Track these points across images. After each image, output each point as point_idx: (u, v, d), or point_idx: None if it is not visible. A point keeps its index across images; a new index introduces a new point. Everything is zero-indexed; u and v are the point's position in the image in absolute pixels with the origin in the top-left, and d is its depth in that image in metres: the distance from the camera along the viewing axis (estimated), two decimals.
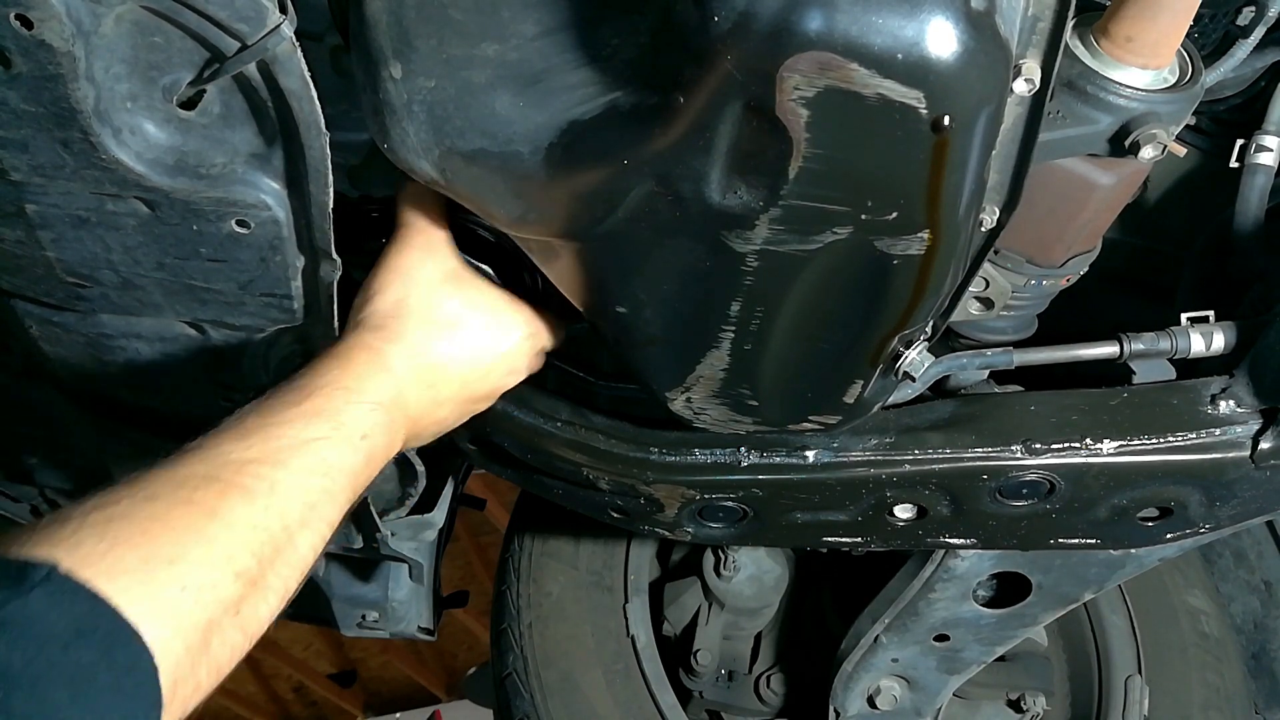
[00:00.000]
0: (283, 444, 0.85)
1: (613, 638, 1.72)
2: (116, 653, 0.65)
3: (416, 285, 1.03)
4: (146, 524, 0.72)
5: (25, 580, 0.63)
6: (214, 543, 0.75)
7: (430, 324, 1.03)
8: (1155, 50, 0.94)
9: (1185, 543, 1.25)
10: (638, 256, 0.93)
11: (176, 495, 0.76)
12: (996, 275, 1.10)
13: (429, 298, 1.03)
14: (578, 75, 0.83)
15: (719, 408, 1.11)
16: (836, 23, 0.70)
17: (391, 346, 0.99)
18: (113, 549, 0.69)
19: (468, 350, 1.06)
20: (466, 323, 1.05)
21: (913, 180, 0.80)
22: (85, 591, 0.65)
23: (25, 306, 1.18)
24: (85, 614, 0.65)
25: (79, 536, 0.69)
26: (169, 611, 0.70)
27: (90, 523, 0.70)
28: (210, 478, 0.79)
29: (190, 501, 0.76)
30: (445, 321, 1.03)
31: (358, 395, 0.93)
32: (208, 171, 0.96)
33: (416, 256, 1.04)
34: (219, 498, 0.78)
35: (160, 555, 0.71)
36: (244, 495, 0.79)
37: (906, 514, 1.23)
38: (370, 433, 0.92)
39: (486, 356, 1.08)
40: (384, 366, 0.98)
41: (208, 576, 0.74)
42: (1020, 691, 1.71)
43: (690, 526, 1.29)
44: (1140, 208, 1.47)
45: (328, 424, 0.89)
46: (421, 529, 1.68)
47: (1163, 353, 1.13)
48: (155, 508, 0.74)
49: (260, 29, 0.83)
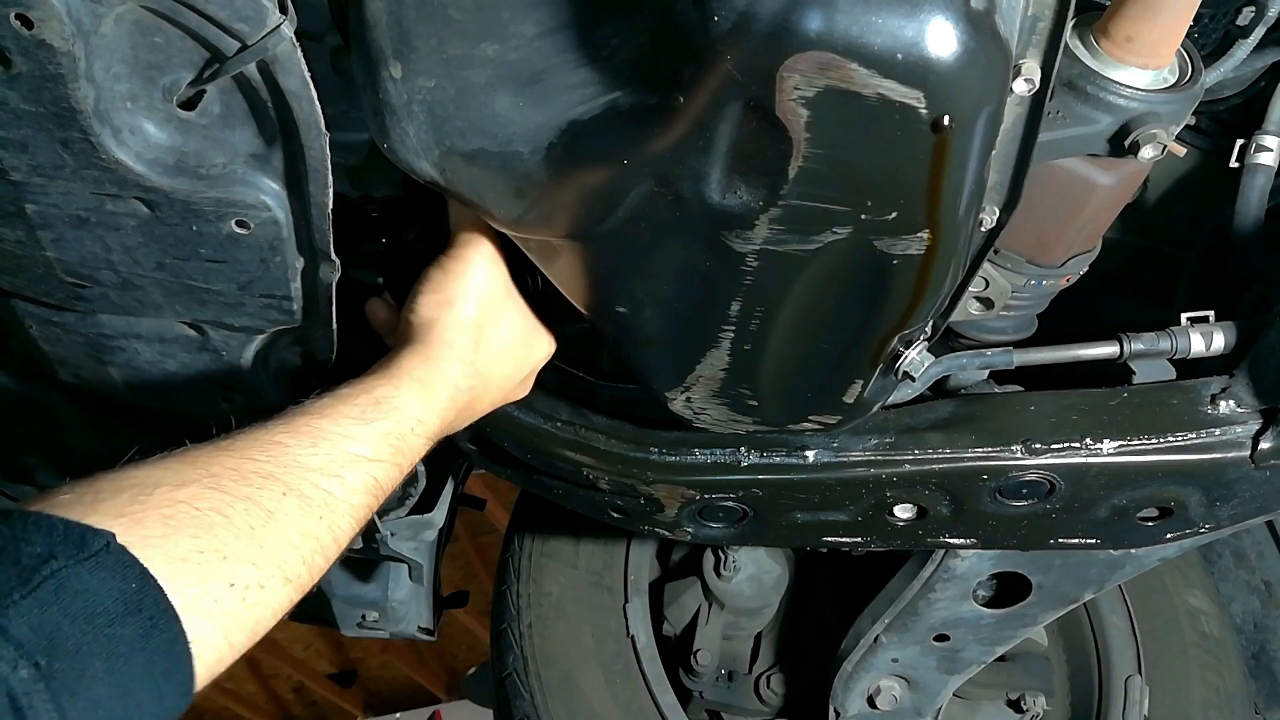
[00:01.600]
0: (346, 458, 0.86)
1: (613, 638, 1.72)
2: (155, 636, 0.66)
3: (488, 301, 1.03)
4: (208, 515, 0.73)
5: (84, 548, 0.64)
6: (268, 545, 0.76)
7: (498, 347, 1.04)
8: (1155, 50, 0.94)
9: (1185, 543, 1.25)
10: (638, 256, 0.93)
11: (241, 490, 0.77)
12: (996, 275, 1.10)
13: (497, 316, 1.04)
14: (578, 75, 0.83)
15: (719, 408, 1.11)
16: (836, 23, 0.70)
17: (467, 379, 1.01)
18: (173, 535, 0.70)
19: (510, 371, 1.07)
20: (515, 341, 1.06)
21: (913, 180, 0.80)
22: (138, 570, 0.66)
23: (25, 306, 1.18)
24: (134, 593, 0.66)
25: (144, 515, 0.70)
26: (214, 606, 0.71)
27: (155, 502, 0.71)
28: (272, 477, 0.80)
29: (251, 499, 0.77)
30: (503, 343, 1.05)
31: (423, 428, 0.95)
32: (208, 172, 0.96)
33: (485, 266, 1.03)
34: (279, 500, 0.79)
35: (215, 549, 0.72)
36: (302, 502, 0.80)
37: (906, 514, 1.23)
38: (416, 459, 0.94)
39: (520, 375, 1.09)
40: (453, 400, 0.99)
41: (257, 577, 0.74)
42: (1020, 691, 1.71)
43: (690, 526, 1.29)
44: (1140, 208, 1.47)
45: (390, 448, 0.90)
46: (421, 529, 1.68)
47: (1163, 353, 1.13)
48: (218, 500, 0.75)
49: (260, 29, 0.83)
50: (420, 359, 0.99)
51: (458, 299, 1.02)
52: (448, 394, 0.98)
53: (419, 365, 0.98)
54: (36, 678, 0.59)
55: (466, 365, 1.01)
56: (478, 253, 1.03)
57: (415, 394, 0.95)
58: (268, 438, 0.83)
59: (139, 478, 0.74)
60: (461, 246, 1.03)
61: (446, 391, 0.98)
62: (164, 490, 0.73)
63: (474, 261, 1.03)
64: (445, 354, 1.00)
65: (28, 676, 0.58)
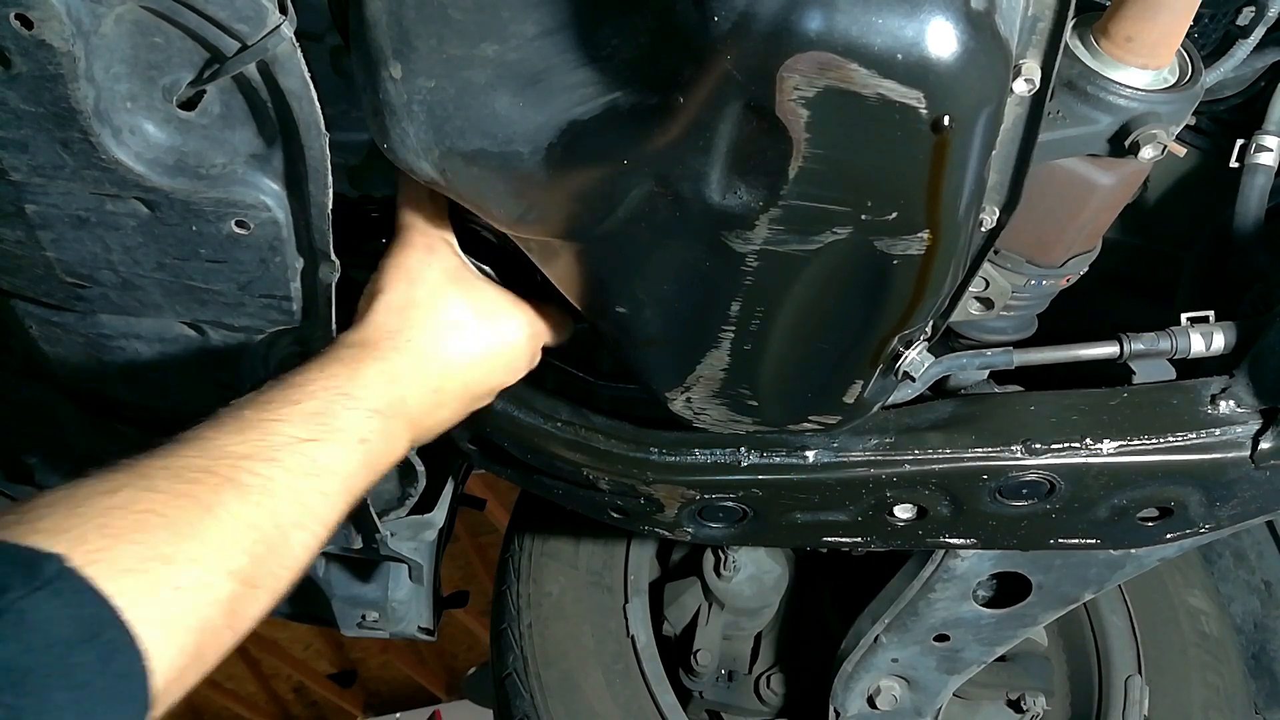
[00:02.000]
0: (277, 441, 0.85)
1: (613, 638, 1.72)
2: (116, 659, 0.66)
3: (421, 286, 1.03)
4: (145, 517, 0.73)
5: (36, 575, 0.64)
6: (208, 540, 0.76)
7: (435, 325, 1.03)
8: (1155, 50, 0.94)
9: (1185, 543, 1.25)
10: (638, 257, 0.93)
11: (174, 487, 0.76)
12: (996, 275, 1.10)
13: (433, 298, 1.03)
14: (578, 75, 0.83)
15: (719, 408, 1.11)
16: (836, 23, 0.70)
17: (396, 351, 1.00)
18: (115, 544, 0.70)
19: (470, 350, 1.06)
20: (469, 322, 1.05)
21: (913, 180, 0.80)
22: (91, 593, 0.66)
23: (25, 306, 1.18)
24: (90, 618, 0.66)
25: (83, 530, 0.69)
26: (164, 614, 0.71)
27: (93, 512, 0.71)
28: (206, 470, 0.79)
29: (186, 495, 0.76)
30: (449, 322, 1.04)
31: (357, 400, 0.93)
32: (207, 172, 0.96)
33: (419, 256, 1.04)
34: (214, 492, 0.78)
35: (157, 553, 0.72)
36: (238, 491, 0.79)
37: (906, 514, 1.23)
38: (369, 437, 0.93)
39: (488, 355, 1.08)
40: (386, 371, 0.98)
41: (202, 576, 0.74)
42: (1020, 691, 1.71)
43: (690, 526, 1.29)
44: (1140, 208, 1.47)
45: (321, 426, 0.89)
46: (421, 529, 1.68)
47: (1163, 353, 1.13)
48: (153, 500, 0.74)
49: (260, 29, 0.83)
50: (341, 343, 0.99)
51: (388, 286, 1.02)
52: (380, 369, 0.97)
53: (340, 348, 0.98)
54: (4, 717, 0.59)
55: (399, 340, 1.00)
56: (412, 242, 1.04)
57: (339, 373, 0.94)
58: (195, 434, 0.83)
59: (71, 489, 0.73)
60: (399, 237, 1.05)
61: (378, 365, 0.97)
62: (96, 499, 0.72)
63: (407, 249, 1.04)
64: (373, 334, 1.00)
65: None
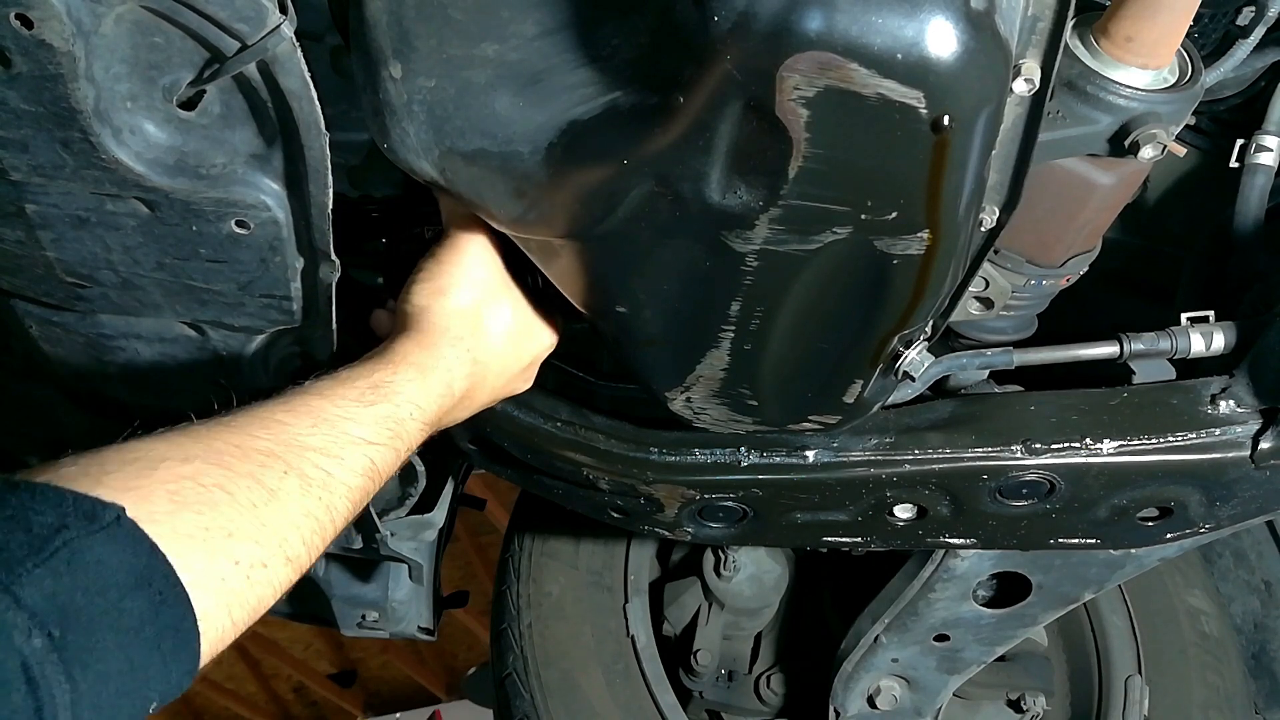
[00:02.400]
0: (345, 440, 0.86)
1: (613, 638, 1.72)
2: (165, 612, 0.66)
3: (483, 290, 1.03)
4: (213, 491, 0.73)
5: (96, 520, 0.64)
6: (270, 524, 0.76)
7: (491, 335, 1.03)
8: (1155, 50, 0.94)
9: (1185, 543, 1.25)
10: (638, 256, 0.93)
11: (243, 467, 0.77)
12: (996, 275, 1.10)
13: (492, 305, 1.03)
14: (578, 75, 0.83)
15: (719, 408, 1.11)
16: (836, 23, 0.70)
17: (459, 363, 1.00)
18: (179, 511, 0.70)
19: (509, 360, 1.07)
20: (512, 332, 1.05)
21: (913, 180, 0.80)
22: (148, 544, 0.67)
23: (25, 306, 1.18)
24: (144, 567, 0.66)
25: (150, 490, 0.70)
26: (220, 584, 0.71)
27: (161, 477, 0.71)
28: (273, 455, 0.80)
29: (253, 477, 0.77)
30: (500, 332, 1.04)
31: (421, 414, 0.94)
32: (208, 172, 0.96)
33: (477, 255, 1.03)
34: (280, 479, 0.79)
35: (220, 526, 0.72)
36: (303, 482, 0.80)
37: (906, 514, 1.23)
38: (414, 445, 0.94)
39: (520, 365, 1.09)
40: (447, 384, 0.98)
41: (261, 555, 0.75)
42: (1020, 691, 1.71)
43: (690, 526, 1.29)
44: (1140, 208, 1.47)
45: (388, 432, 0.90)
46: (421, 529, 1.68)
47: (1163, 353, 1.13)
48: (223, 476, 0.75)
49: (260, 29, 0.83)
50: (416, 345, 0.98)
51: (451, 287, 1.02)
52: (444, 380, 0.98)
53: (415, 351, 0.98)
54: (50, 648, 0.59)
55: (462, 352, 1.00)
56: (471, 242, 1.03)
57: (412, 379, 0.95)
58: (269, 416, 0.84)
59: (143, 451, 0.74)
60: (455, 236, 1.03)
61: (443, 378, 0.98)
62: (169, 465, 0.73)
63: (467, 250, 1.03)
64: (440, 340, 1.00)
65: (41, 646, 0.58)
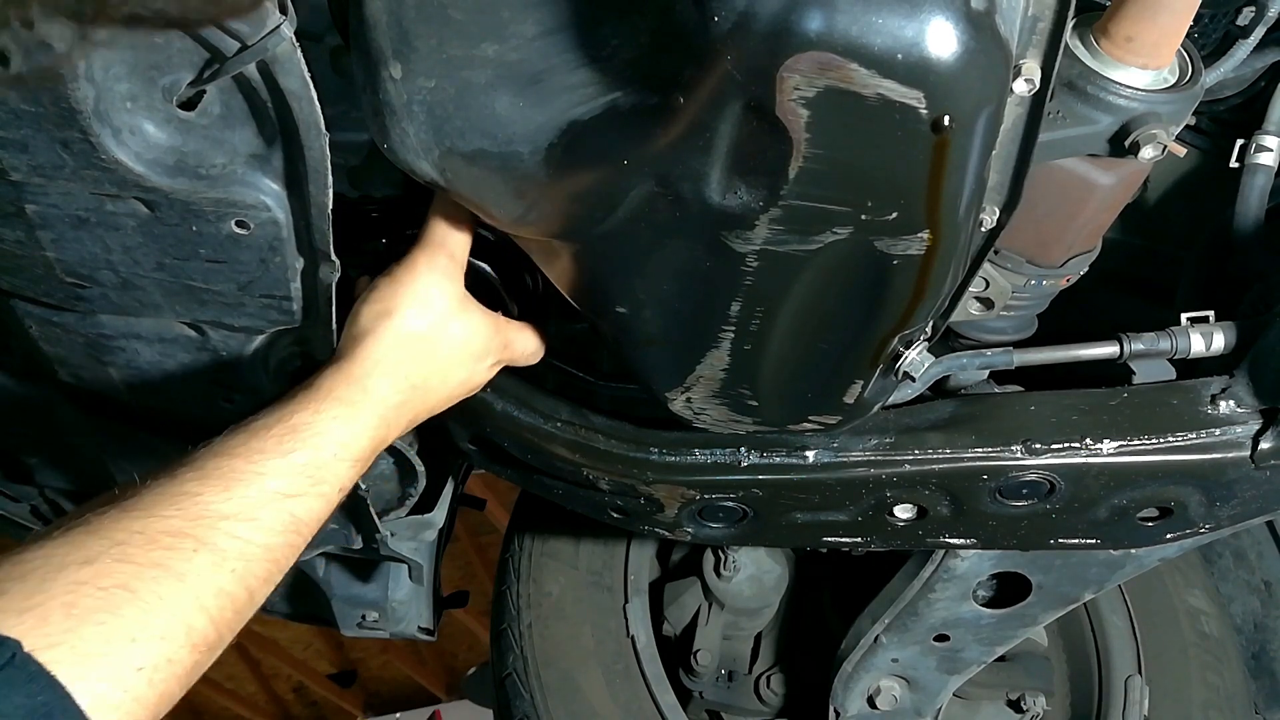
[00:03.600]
0: (261, 498, 0.83)
1: (613, 638, 1.72)
2: None
3: (429, 314, 1.01)
4: (115, 594, 0.71)
5: None
6: (177, 614, 0.74)
7: (434, 361, 1.01)
8: (1155, 50, 0.94)
9: (1185, 543, 1.25)
10: (637, 257, 0.93)
11: (148, 555, 0.74)
12: (996, 275, 1.10)
13: (439, 330, 1.02)
14: (578, 75, 0.83)
15: (719, 408, 1.11)
16: (836, 23, 0.70)
17: (396, 393, 0.97)
18: (78, 627, 0.68)
19: (463, 374, 1.05)
20: (459, 354, 1.04)
21: (913, 180, 0.80)
22: (45, 679, 0.65)
23: (25, 306, 1.18)
24: (43, 706, 0.64)
25: (48, 608, 0.68)
26: (121, 695, 0.69)
27: (59, 589, 0.69)
28: (182, 534, 0.77)
29: (160, 565, 0.74)
30: (449, 352, 1.03)
31: (349, 452, 0.91)
32: (207, 172, 0.96)
33: (438, 281, 1.01)
34: (189, 559, 0.76)
35: (122, 633, 0.70)
36: (215, 557, 0.78)
37: (906, 514, 1.23)
38: (347, 485, 0.91)
39: (466, 390, 1.08)
40: (381, 418, 0.95)
41: (166, 652, 0.73)
42: (1020, 691, 1.71)
43: (690, 526, 1.29)
44: (1140, 208, 1.47)
45: (309, 480, 0.87)
46: (421, 529, 1.68)
47: (1163, 353, 1.13)
48: (125, 573, 0.72)
49: (260, 29, 0.83)
50: (344, 378, 0.95)
51: (399, 309, 1.00)
52: (376, 413, 0.95)
53: (342, 385, 0.94)
54: None
55: (398, 379, 0.98)
56: (430, 262, 1.01)
57: (337, 416, 0.91)
58: (178, 489, 0.80)
59: (41, 558, 0.71)
60: (415, 254, 1.02)
61: (375, 410, 0.95)
62: (68, 572, 0.71)
63: (423, 271, 1.01)
64: (372, 371, 0.97)
65: None
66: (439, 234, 1.04)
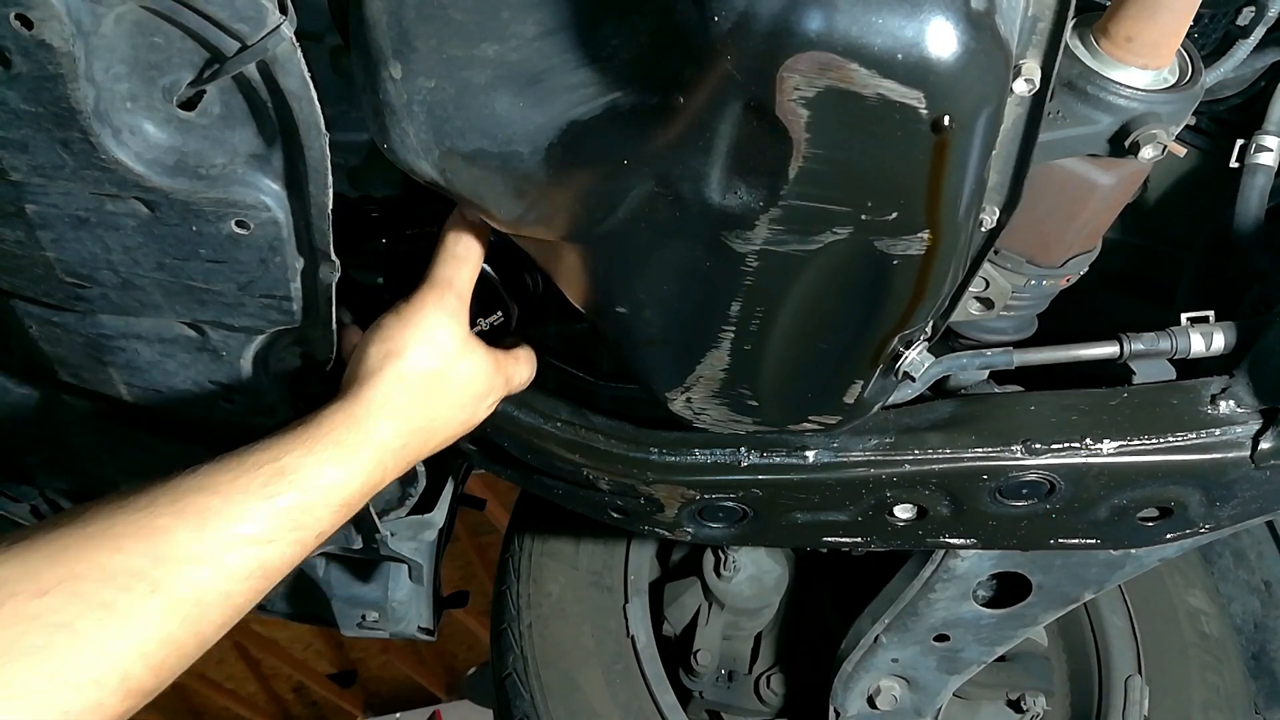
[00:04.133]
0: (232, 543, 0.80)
1: (613, 638, 1.72)
2: None
3: (436, 355, 0.99)
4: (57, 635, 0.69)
5: None
6: (115, 659, 0.72)
7: (443, 399, 1.00)
8: (1155, 50, 0.94)
9: (1185, 543, 1.25)
10: (638, 257, 0.93)
11: (102, 595, 0.72)
12: (996, 275, 1.10)
13: (450, 369, 1.00)
14: (578, 76, 0.83)
15: (719, 408, 1.11)
16: (836, 23, 0.70)
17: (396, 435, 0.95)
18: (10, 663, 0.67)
19: (466, 414, 1.04)
20: (464, 395, 1.03)
21: (913, 180, 0.80)
22: None
23: (25, 306, 1.18)
24: None
25: None
26: None
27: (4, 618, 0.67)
28: (141, 575, 0.74)
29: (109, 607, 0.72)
30: (455, 392, 1.01)
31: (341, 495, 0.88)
32: (207, 172, 0.96)
33: (445, 322, 1.00)
34: (142, 603, 0.74)
35: (55, 674, 0.68)
36: (168, 604, 0.75)
37: (906, 514, 1.23)
38: (328, 531, 0.88)
39: (464, 426, 1.06)
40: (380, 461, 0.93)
41: (97, 697, 0.70)
42: (1020, 691, 1.71)
43: (690, 526, 1.29)
44: (1140, 208, 1.47)
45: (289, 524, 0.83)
46: (421, 529, 1.68)
47: (1163, 353, 1.13)
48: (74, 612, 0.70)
49: (260, 29, 0.83)
50: (345, 418, 0.92)
51: (407, 350, 0.98)
52: (374, 456, 0.92)
53: (343, 427, 0.91)
54: None
55: (400, 423, 0.96)
56: (439, 302, 1.00)
57: (332, 459, 0.88)
58: (150, 521, 0.77)
59: None
60: (424, 294, 1.00)
61: (374, 455, 0.92)
62: (16, 602, 0.69)
63: (431, 311, 0.99)
64: (376, 413, 0.94)
65: None
66: (447, 272, 1.02)
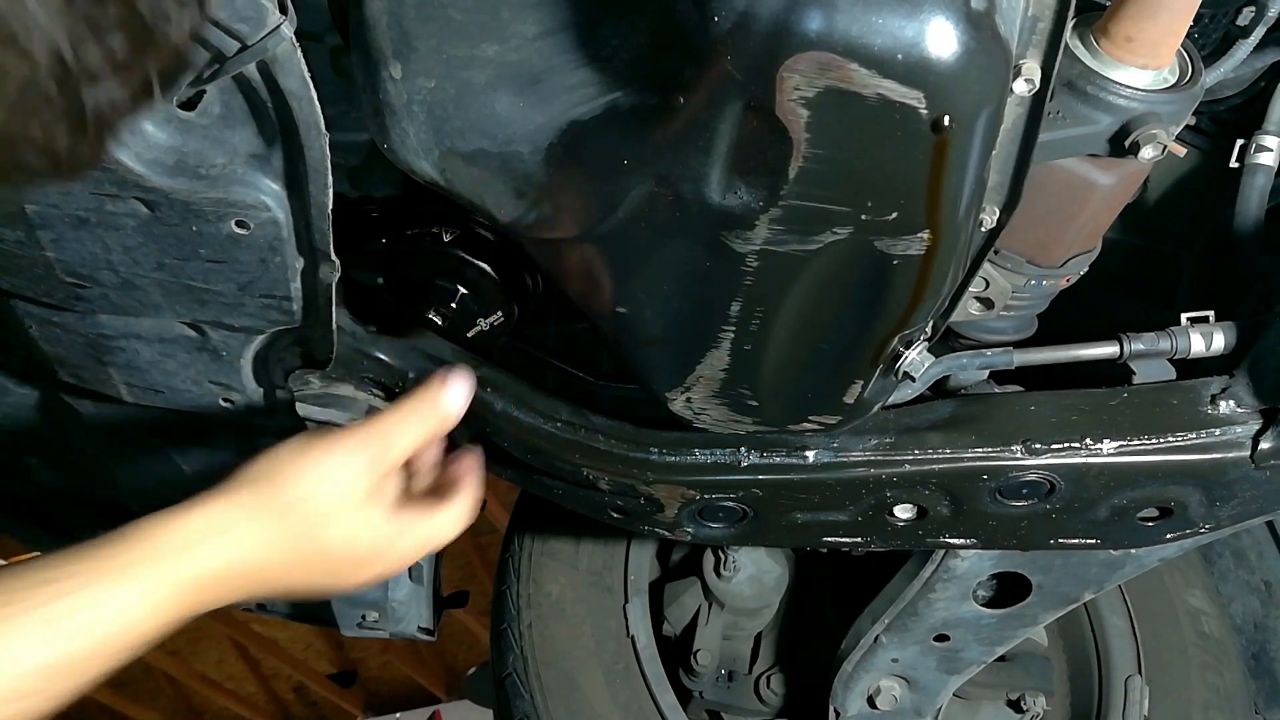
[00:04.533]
0: None
1: (613, 638, 1.72)
2: None
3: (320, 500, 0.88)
4: None
5: None
6: None
7: (296, 552, 0.88)
8: (1155, 50, 0.94)
9: (1185, 543, 1.25)
10: (638, 257, 0.93)
11: None
12: (996, 275, 1.10)
13: (320, 521, 0.88)
14: (578, 75, 0.83)
15: (719, 408, 1.11)
16: (836, 23, 0.70)
17: (221, 564, 0.83)
18: None
19: (308, 581, 0.91)
20: (331, 554, 0.90)
21: (913, 180, 0.80)
22: None
23: (25, 306, 1.18)
24: None
25: None
26: None
27: None
28: None
29: None
30: (312, 551, 0.89)
31: (117, 640, 0.76)
32: (207, 172, 0.96)
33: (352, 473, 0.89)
34: None
35: None
36: None
37: (906, 514, 1.23)
38: (96, 679, 0.77)
39: (319, 588, 0.93)
40: (181, 587, 0.81)
41: None
42: (1020, 691, 1.71)
43: (690, 526, 1.29)
44: (1140, 208, 1.47)
45: (51, 681, 0.73)
46: None
47: (1163, 353, 1.13)
48: None
49: (260, 29, 0.83)
50: (160, 528, 0.81)
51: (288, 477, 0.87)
52: (171, 580, 0.80)
53: (151, 538, 0.80)
54: None
55: (234, 553, 0.83)
56: (357, 449, 0.90)
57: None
58: None
59: None
60: (351, 433, 0.91)
61: (171, 577, 0.80)
62: None
63: (340, 455, 0.89)
64: (208, 528, 0.82)
65: None
66: (393, 428, 0.93)
